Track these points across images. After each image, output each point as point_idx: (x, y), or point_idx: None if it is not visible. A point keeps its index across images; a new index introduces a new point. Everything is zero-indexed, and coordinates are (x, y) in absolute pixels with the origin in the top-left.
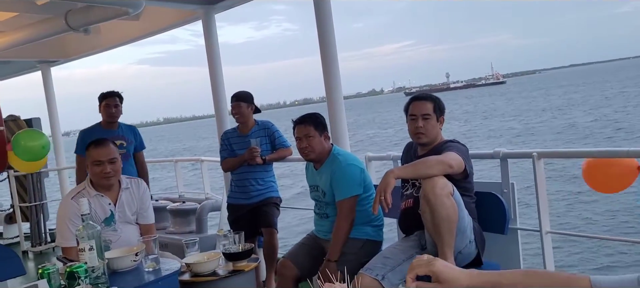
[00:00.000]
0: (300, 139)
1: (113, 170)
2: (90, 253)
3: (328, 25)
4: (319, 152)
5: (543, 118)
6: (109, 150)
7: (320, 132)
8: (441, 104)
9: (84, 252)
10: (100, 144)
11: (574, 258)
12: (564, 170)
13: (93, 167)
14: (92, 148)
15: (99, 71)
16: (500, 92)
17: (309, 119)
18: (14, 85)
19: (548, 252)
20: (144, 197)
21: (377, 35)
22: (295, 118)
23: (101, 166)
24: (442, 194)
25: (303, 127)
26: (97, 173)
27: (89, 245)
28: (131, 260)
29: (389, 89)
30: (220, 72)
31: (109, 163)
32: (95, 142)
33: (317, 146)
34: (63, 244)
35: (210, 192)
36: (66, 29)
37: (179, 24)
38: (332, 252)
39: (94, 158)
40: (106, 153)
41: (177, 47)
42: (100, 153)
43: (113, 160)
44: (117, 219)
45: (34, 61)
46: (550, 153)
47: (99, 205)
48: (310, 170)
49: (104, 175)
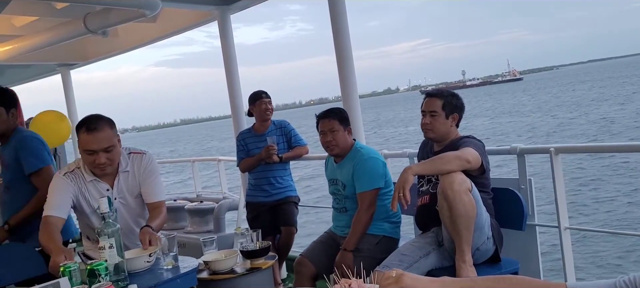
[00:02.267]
0: (325, 133)
1: (109, 159)
2: (110, 251)
3: (343, 24)
4: (343, 147)
5: (575, 113)
6: (105, 137)
7: (344, 127)
8: (454, 100)
9: (103, 249)
10: (94, 129)
11: (594, 255)
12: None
13: (85, 155)
14: (83, 133)
15: (117, 74)
16: (522, 89)
17: (333, 113)
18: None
19: (567, 248)
20: (146, 170)
21: (392, 33)
22: (318, 113)
23: (94, 156)
24: (460, 190)
25: (327, 121)
26: (90, 163)
27: (108, 243)
28: (145, 261)
29: (405, 87)
30: (236, 72)
31: (103, 153)
32: (87, 125)
33: (341, 140)
34: (46, 212)
35: (227, 192)
36: (85, 31)
37: (195, 25)
38: (349, 242)
39: (84, 146)
40: (99, 141)
41: (193, 48)
42: (91, 141)
43: (109, 148)
44: (118, 207)
45: (54, 64)
46: (569, 148)
47: (95, 191)
48: (330, 165)
49: (97, 166)
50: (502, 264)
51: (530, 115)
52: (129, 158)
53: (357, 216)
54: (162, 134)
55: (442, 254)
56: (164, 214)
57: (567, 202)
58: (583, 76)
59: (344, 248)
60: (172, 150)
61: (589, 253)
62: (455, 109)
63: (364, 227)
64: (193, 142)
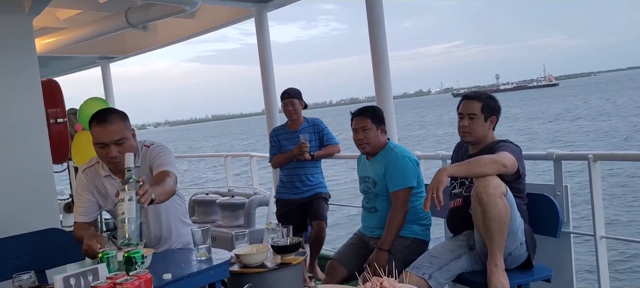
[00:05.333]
0: (357, 130)
1: (121, 153)
2: (129, 203)
3: (380, 24)
4: (374, 145)
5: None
6: (116, 129)
7: (377, 126)
8: (492, 103)
9: (123, 201)
10: (104, 121)
11: (630, 265)
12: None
13: (97, 149)
14: (95, 126)
15: (152, 68)
16: (571, 94)
17: (366, 112)
18: (75, 81)
19: (602, 257)
20: (155, 151)
21: (425, 35)
22: (353, 110)
23: (106, 149)
24: (495, 194)
25: (361, 119)
26: (103, 157)
27: (128, 196)
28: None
29: (436, 89)
30: (271, 70)
31: (115, 146)
32: (98, 117)
33: (372, 139)
34: (75, 218)
35: (258, 187)
36: (126, 25)
37: (232, 22)
38: (385, 241)
39: (95, 139)
40: (110, 134)
41: (227, 45)
42: (101, 134)
43: (120, 141)
44: None
45: (95, 57)
46: (608, 155)
47: (111, 187)
48: (362, 162)
49: (110, 160)
50: (535, 271)
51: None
52: (141, 152)
53: (391, 215)
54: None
55: (473, 258)
56: (166, 181)
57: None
58: (629, 82)
59: (379, 248)
60: (219, 144)
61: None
62: (493, 111)
63: (398, 226)
64: (238, 137)
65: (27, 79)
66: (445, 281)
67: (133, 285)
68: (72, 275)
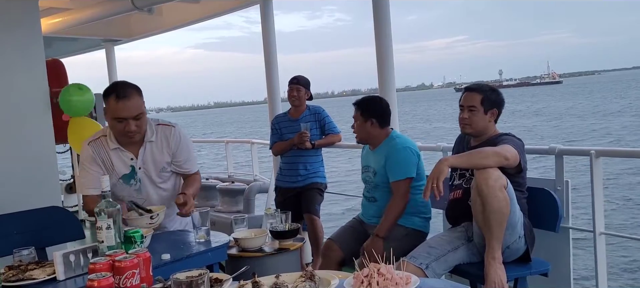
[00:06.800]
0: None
1: (138, 127)
2: (108, 232)
3: (385, 17)
4: (363, 137)
5: None
6: (135, 105)
7: (365, 118)
8: (493, 96)
9: (101, 230)
10: (124, 96)
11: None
12: None
13: (114, 122)
14: (113, 100)
15: (156, 54)
16: (574, 91)
17: (357, 103)
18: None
19: (601, 254)
20: (180, 145)
21: (429, 28)
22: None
23: (124, 123)
24: (495, 186)
25: (354, 109)
26: (119, 131)
27: (106, 224)
28: (147, 223)
29: (439, 83)
30: (275, 58)
31: (134, 121)
32: (118, 92)
33: (360, 130)
34: (82, 191)
35: (258, 174)
36: (131, 8)
37: (236, 8)
38: (381, 228)
39: (113, 113)
40: (130, 109)
41: (231, 33)
42: (122, 109)
43: (138, 116)
44: (141, 176)
45: (99, 39)
46: (610, 151)
47: (118, 160)
48: (366, 151)
49: (126, 133)
50: (532, 264)
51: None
52: (155, 129)
53: (391, 204)
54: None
55: (471, 250)
56: (199, 181)
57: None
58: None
59: (375, 234)
60: (232, 131)
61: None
62: (494, 104)
63: (396, 215)
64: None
65: (31, 57)
66: (442, 272)
67: (132, 263)
68: (71, 252)
